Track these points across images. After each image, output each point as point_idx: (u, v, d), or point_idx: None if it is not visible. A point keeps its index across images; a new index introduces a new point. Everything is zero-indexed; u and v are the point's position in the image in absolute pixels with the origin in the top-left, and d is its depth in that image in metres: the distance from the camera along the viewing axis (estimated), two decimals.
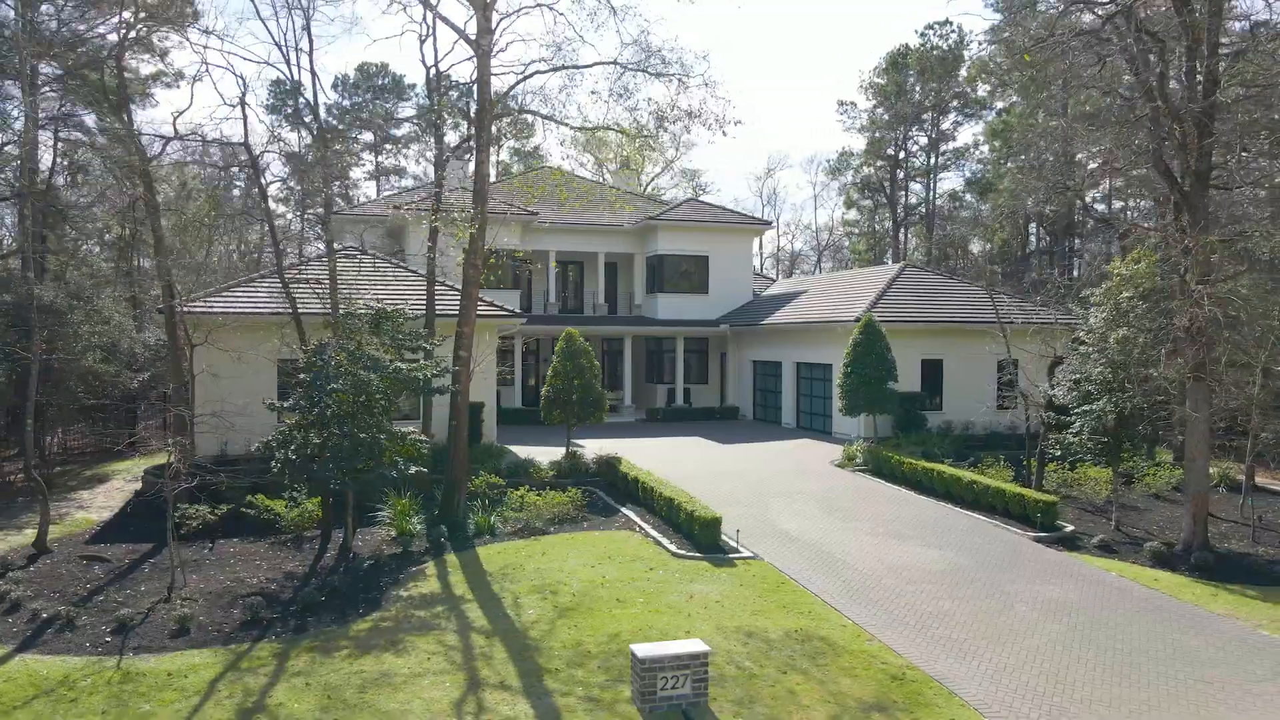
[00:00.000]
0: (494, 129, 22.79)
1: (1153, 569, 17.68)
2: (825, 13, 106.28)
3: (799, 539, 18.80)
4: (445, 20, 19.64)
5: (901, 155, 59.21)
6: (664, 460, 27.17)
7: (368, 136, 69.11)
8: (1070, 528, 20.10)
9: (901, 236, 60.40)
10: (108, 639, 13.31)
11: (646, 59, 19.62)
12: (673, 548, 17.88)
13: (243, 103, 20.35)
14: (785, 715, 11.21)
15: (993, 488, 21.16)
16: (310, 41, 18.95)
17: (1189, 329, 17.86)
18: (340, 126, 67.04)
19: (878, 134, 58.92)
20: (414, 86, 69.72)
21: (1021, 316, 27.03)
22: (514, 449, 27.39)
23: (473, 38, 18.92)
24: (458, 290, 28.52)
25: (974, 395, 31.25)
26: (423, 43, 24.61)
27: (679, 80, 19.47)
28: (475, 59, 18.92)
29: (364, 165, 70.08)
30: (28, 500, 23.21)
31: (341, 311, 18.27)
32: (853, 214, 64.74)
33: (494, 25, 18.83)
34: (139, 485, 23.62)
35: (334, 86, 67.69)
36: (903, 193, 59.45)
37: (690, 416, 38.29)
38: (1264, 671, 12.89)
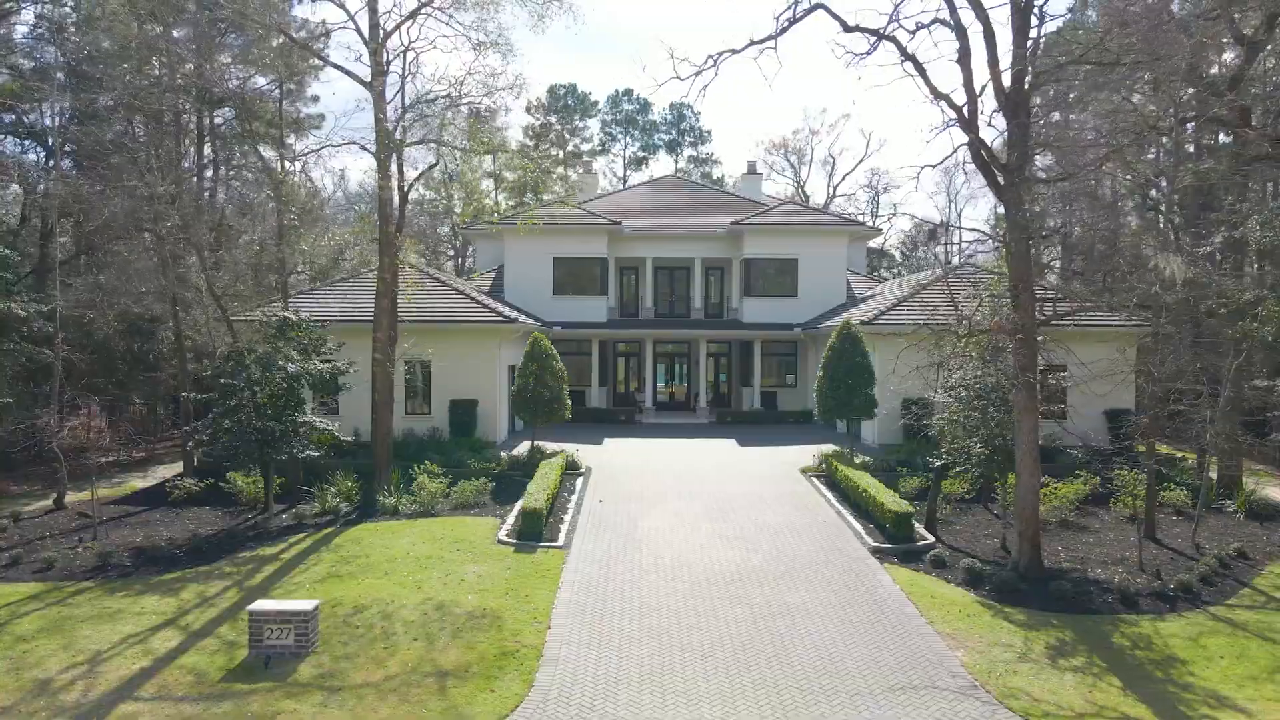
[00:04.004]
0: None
1: (957, 586, 16.85)
2: None
3: (633, 535, 19.79)
4: (339, 68, 22.53)
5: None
6: (650, 459, 28.57)
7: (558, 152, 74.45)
8: (929, 540, 19.29)
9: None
10: None
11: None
12: (502, 534, 19.67)
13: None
14: (354, 670, 13.02)
15: (873, 498, 20.64)
16: (281, 93, 22.50)
17: (1004, 331, 16.77)
18: (531, 143, 73.12)
19: None
20: (597, 104, 74.17)
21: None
22: (523, 444, 29.85)
23: (368, 80, 21.73)
24: (488, 307, 31.56)
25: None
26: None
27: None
28: (371, 99, 21.72)
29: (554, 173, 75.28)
30: (121, 471, 29.31)
31: (257, 319, 21.84)
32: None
33: (386, 67, 21.50)
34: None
35: (527, 110, 73.69)
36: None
37: (759, 420, 38.64)
38: (877, 684, 12.65)
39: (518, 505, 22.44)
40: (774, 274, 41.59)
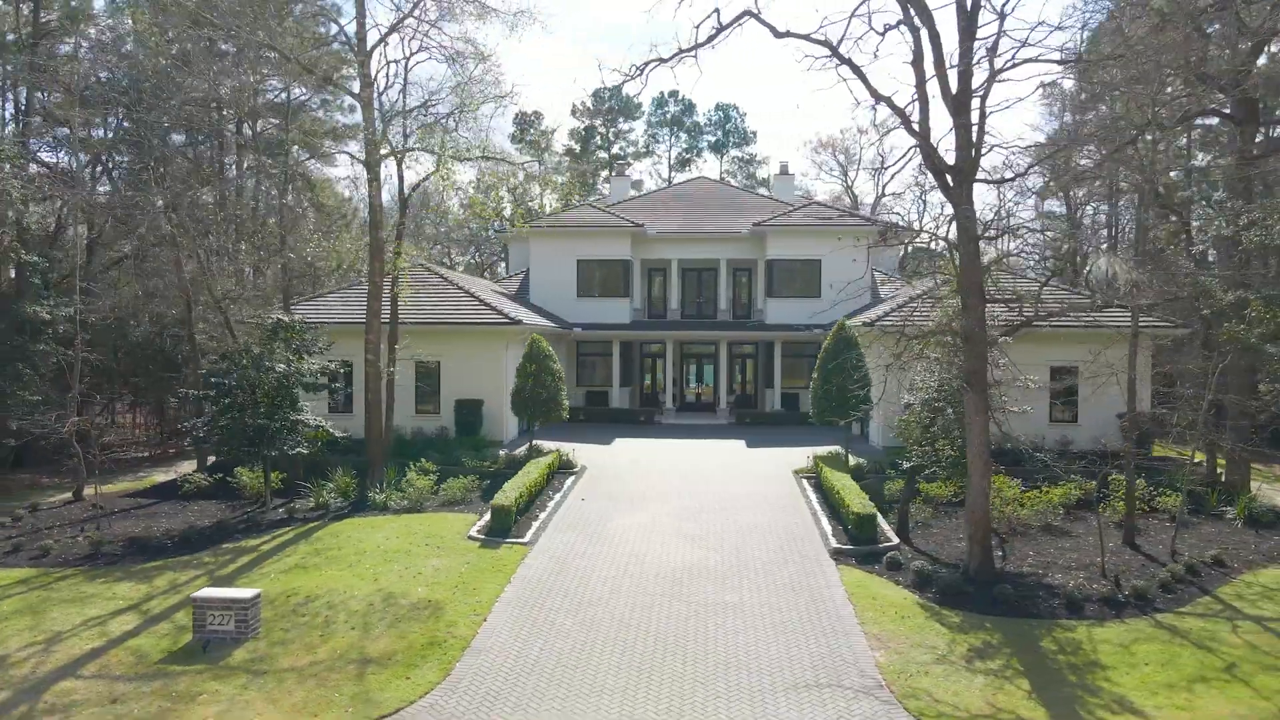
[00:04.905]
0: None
1: (904, 588, 16.84)
2: None
3: (601, 534, 20.20)
4: (329, 80, 23.36)
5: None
6: (650, 460, 28.92)
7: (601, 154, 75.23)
8: (893, 542, 19.27)
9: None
10: None
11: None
12: (474, 530, 20.25)
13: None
14: (285, 655, 13.74)
15: (842, 499, 20.67)
16: (288, 101, 23.68)
17: (955, 332, 16.72)
18: (575, 147, 74.13)
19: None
20: (640, 106, 74.70)
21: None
22: (538, 443, 30.49)
23: (356, 92, 22.55)
24: (495, 309, 32.29)
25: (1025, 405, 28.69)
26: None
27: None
28: (362, 110, 22.53)
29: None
30: (150, 465, 30.84)
31: (253, 321, 22.87)
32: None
33: (375, 77, 22.28)
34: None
35: (573, 113, 74.63)
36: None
37: (779, 421, 38.63)
38: (784, 682, 12.83)
39: None
40: (797, 275, 41.47)
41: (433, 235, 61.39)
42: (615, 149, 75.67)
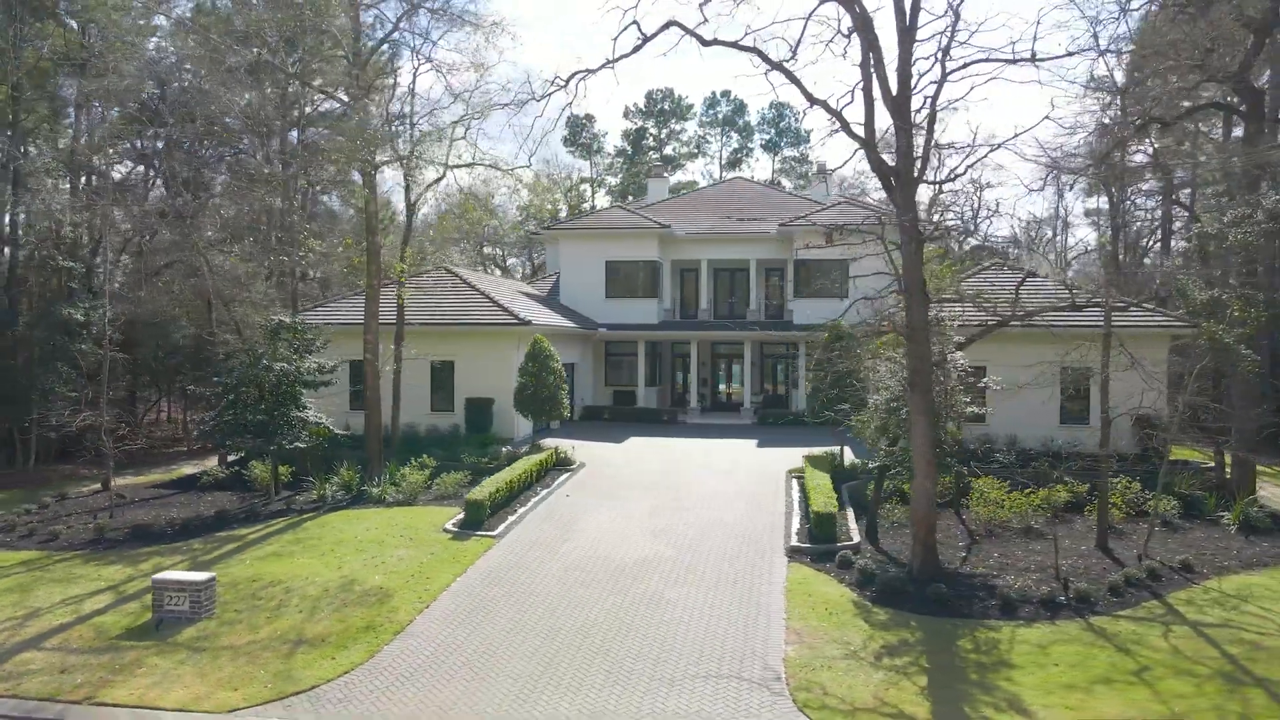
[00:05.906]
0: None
1: (846, 586, 17.02)
2: None
3: (571, 528, 20.80)
4: (324, 91, 24.50)
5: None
6: (654, 458, 29.35)
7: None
8: (852, 541, 19.38)
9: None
10: (3, 538, 20.49)
11: None
12: (450, 523, 21.06)
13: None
14: (229, 634, 14.75)
15: (810, 498, 20.85)
16: (299, 112, 24.99)
17: (898, 330, 16.82)
18: (628, 149, 74.92)
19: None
20: (692, 107, 75.04)
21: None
22: (550, 441, 31.27)
23: (346, 100, 23.65)
24: (506, 309, 33.14)
25: (1032, 407, 28.25)
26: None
27: None
28: (354, 112, 23.61)
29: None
30: (186, 459, 32.64)
31: (261, 322, 24.17)
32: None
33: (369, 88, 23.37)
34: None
35: (624, 115, 75.41)
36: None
37: (799, 421, 38.48)
38: (686, 673, 13.23)
39: None
40: (824, 275, 41.28)
41: (477, 237, 62.73)
42: (668, 150, 76.20)
